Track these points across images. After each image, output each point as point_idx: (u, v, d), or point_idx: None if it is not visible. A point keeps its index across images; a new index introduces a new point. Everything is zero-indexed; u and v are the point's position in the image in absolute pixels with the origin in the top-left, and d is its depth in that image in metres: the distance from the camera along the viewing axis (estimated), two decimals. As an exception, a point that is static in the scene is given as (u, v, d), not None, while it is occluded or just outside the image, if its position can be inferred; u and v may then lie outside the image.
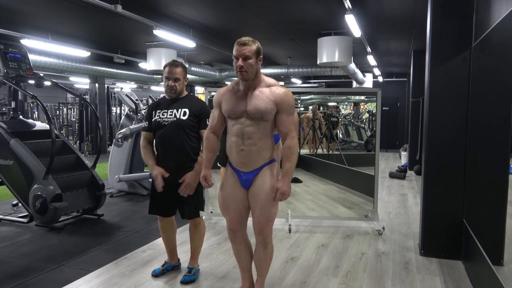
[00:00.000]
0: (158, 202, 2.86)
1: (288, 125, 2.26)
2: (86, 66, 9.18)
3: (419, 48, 7.99)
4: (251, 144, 2.26)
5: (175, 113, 2.75)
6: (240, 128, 2.26)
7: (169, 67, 2.74)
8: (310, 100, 9.03)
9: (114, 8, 5.11)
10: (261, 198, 2.30)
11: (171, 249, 3.07)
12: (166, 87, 2.76)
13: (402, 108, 13.07)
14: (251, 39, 2.23)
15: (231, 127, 2.32)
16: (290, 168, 2.24)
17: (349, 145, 9.60)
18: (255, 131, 2.25)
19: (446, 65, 3.31)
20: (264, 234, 2.37)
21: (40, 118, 13.99)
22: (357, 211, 4.75)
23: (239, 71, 2.21)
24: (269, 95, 2.24)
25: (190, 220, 2.89)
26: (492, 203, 2.97)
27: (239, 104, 2.27)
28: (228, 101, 2.31)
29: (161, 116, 2.77)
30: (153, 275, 3.00)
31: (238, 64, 2.20)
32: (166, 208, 2.87)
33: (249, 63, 2.20)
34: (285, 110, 2.25)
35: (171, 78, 2.73)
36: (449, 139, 3.34)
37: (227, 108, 2.31)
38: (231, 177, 2.39)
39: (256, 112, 2.23)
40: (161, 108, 2.80)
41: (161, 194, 2.76)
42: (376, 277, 3.04)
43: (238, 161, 2.32)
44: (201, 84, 15.98)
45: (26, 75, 4.72)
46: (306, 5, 5.76)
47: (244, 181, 2.34)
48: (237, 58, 2.21)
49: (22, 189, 4.32)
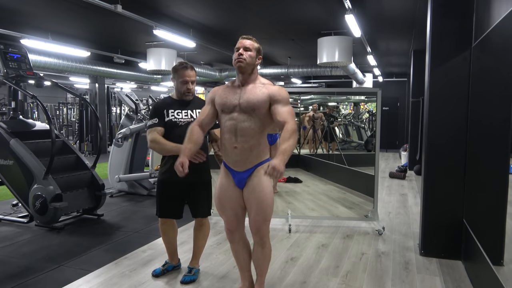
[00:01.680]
0: (169, 204, 2.84)
1: (284, 114, 2.21)
2: (86, 66, 9.18)
3: (419, 48, 7.99)
4: (243, 142, 2.25)
5: (190, 114, 2.79)
6: (233, 124, 2.26)
7: (184, 70, 2.74)
8: (310, 100, 9.04)
9: (114, 8, 5.11)
10: (257, 197, 2.29)
11: (172, 251, 3.08)
12: (184, 90, 2.76)
13: (402, 108, 13.07)
14: (254, 38, 2.31)
15: (224, 123, 2.31)
16: (286, 149, 2.08)
17: (349, 145, 9.61)
18: (247, 127, 2.24)
19: (446, 65, 3.31)
20: (261, 233, 2.37)
21: (40, 118, 13.99)
22: (357, 211, 4.75)
23: (237, 59, 2.22)
24: (262, 89, 2.28)
25: (197, 219, 2.90)
26: (492, 203, 2.97)
27: (232, 98, 2.29)
28: (222, 95, 2.33)
29: (177, 116, 2.76)
30: (154, 275, 3.00)
31: (238, 52, 2.23)
32: (178, 210, 2.87)
33: (249, 54, 2.25)
34: (279, 101, 2.24)
35: (189, 81, 2.76)
36: (449, 139, 3.34)
37: (220, 102, 2.31)
38: (225, 176, 2.39)
39: (248, 105, 2.23)
40: (173, 108, 2.78)
41: (173, 196, 2.81)
42: (376, 277, 3.04)
43: (232, 159, 2.32)
44: (201, 84, 15.97)
45: (26, 75, 4.72)
46: (306, 5, 5.76)
47: (238, 181, 2.34)
48: (238, 49, 2.25)
49: (22, 189, 4.32)
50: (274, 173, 2.02)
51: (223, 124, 2.33)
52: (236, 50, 2.26)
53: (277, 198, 5.32)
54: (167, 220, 2.93)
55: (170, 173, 2.74)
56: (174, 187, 2.79)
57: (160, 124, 2.75)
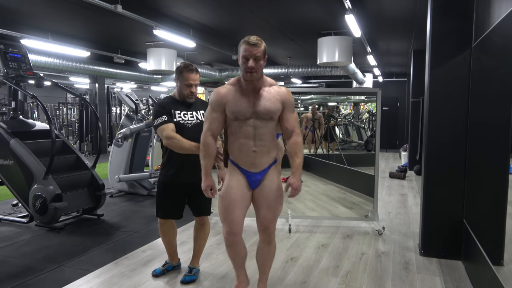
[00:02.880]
0: (171, 206, 2.84)
1: (293, 122, 2.30)
2: (86, 66, 9.18)
3: (419, 48, 7.99)
4: (262, 146, 2.26)
5: (195, 115, 2.78)
6: (251, 130, 2.24)
7: (190, 73, 2.70)
8: (310, 100, 9.04)
9: (114, 8, 5.11)
10: (271, 196, 2.34)
11: (172, 251, 3.07)
12: (187, 93, 2.74)
13: (402, 108, 13.07)
14: (259, 39, 2.19)
15: (237, 129, 2.25)
16: (300, 164, 2.29)
17: (349, 145, 9.61)
18: (266, 132, 2.26)
19: (446, 65, 3.31)
20: (270, 230, 2.40)
21: (40, 118, 13.99)
22: (357, 211, 4.75)
23: (249, 72, 2.16)
24: (275, 95, 2.26)
25: (199, 218, 2.91)
26: (492, 203, 2.97)
27: (246, 105, 2.22)
28: (235, 102, 2.23)
29: (183, 118, 2.74)
30: (154, 275, 3.00)
31: (249, 65, 2.14)
32: (179, 211, 2.87)
33: (260, 64, 2.18)
34: (289, 107, 2.30)
35: (193, 84, 2.74)
36: (449, 139, 3.34)
37: (235, 110, 2.22)
38: (236, 177, 2.32)
39: (267, 113, 2.23)
40: (179, 110, 2.75)
41: (175, 197, 2.80)
42: (376, 277, 3.04)
43: (249, 162, 2.29)
44: (201, 84, 15.98)
45: (26, 75, 4.72)
46: (306, 5, 5.76)
47: (253, 182, 2.32)
48: (247, 58, 2.15)
49: (22, 189, 4.32)
50: (295, 193, 2.28)
51: (235, 130, 2.26)
52: (245, 59, 2.16)
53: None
54: (167, 221, 2.92)
55: (172, 175, 2.75)
56: (175, 188, 2.79)
57: (171, 121, 2.68)
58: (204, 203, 2.88)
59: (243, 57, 2.17)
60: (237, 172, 2.33)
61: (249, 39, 2.16)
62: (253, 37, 2.17)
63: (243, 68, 2.18)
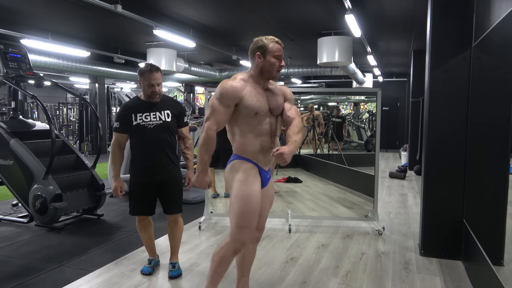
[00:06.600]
0: (143, 203, 2.91)
1: (294, 111, 2.34)
2: (86, 66, 9.18)
3: (419, 48, 7.99)
4: (275, 142, 2.31)
5: (159, 116, 2.82)
6: (269, 127, 2.24)
7: (150, 73, 2.75)
8: (310, 100, 9.03)
9: (114, 8, 5.12)
10: (272, 195, 2.39)
11: (152, 247, 3.15)
12: (151, 93, 2.78)
13: (402, 108, 13.07)
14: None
15: (255, 125, 2.18)
16: (296, 140, 2.16)
17: (349, 145, 9.61)
18: (276, 129, 2.32)
19: (446, 65, 3.31)
20: (263, 229, 2.45)
21: (40, 118, 13.99)
22: (357, 211, 4.75)
23: (278, 71, 2.23)
24: (278, 91, 2.33)
25: (171, 216, 2.96)
26: (492, 203, 2.97)
27: (264, 101, 2.20)
28: (254, 97, 2.16)
29: (145, 120, 2.79)
30: (146, 274, 3.03)
31: (283, 64, 2.25)
32: (151, 207, 2.93)
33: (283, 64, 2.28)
34: (290, 99, 2.38)
35: (155, 83, 2.77)
36: (449, 139, 3.34)
37: (257, 105, 2.15)
38: (257, 177, 2.22)
39: (278, 108, 2.29)
40: (141, 112, 2.79)
41: (145, 195, 2.87)
42: (376, 277, 3.04)
43: (267, 159, 2.26)
44: (201, 84, 15.98)
45: (26, 75, 4.72)
46: (306, 5, 5.76)
47: (266, 179, 2.31)
48: (280, 58, 2.22)
49: (22, 189, 4.32)
50: (280, 159, 2.01)
51: (254, 126, 2.18)
52: (277, 59, 2.19)
53: (277, 198, 5.31)
54: (145, 218, 3.00)
55: (141, 175, 2.87)
56: (147, 187, 2.86)
57: (124, 129, 2.82)
58: (175, 201, 2.93)
59: (276, 56, 2.19)
60: (255, 171, 2.21)
61: (277, 39, 2.27)
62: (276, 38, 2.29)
63: (273, 67, 2.19)
